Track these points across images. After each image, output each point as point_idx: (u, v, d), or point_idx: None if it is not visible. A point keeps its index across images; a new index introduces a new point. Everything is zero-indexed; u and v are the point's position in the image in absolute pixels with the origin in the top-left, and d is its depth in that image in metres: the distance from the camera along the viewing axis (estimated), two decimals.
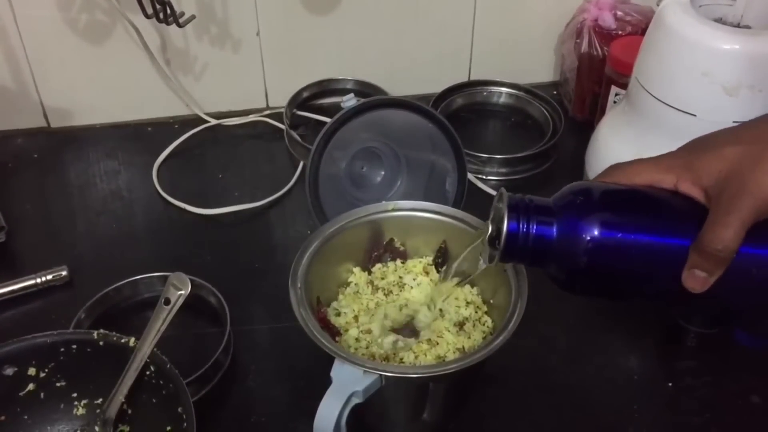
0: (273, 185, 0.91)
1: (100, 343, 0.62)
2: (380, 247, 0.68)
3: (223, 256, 0.83)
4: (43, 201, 0.91)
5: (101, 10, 0.92)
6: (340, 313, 0.65)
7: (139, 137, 1.00)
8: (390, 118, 0.78)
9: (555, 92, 1.06)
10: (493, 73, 1.04)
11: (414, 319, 0.65)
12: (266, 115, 1.02)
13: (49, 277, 0.78)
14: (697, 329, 0.72)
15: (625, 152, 0.77)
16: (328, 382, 0.53)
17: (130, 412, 0.63)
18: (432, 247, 0.69)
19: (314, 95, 1.03)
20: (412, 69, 1.04)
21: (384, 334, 0.63)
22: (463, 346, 0.61)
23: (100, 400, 0.63)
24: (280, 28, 0.98)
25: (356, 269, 0.68)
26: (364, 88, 1.01)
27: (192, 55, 0.98)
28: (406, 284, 0.67)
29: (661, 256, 0.48)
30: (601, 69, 0.92)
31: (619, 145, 0.79)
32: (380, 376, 0.52)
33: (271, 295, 0.77)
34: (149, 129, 1.02)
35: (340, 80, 1.02)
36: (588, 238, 0.47)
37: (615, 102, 0.89)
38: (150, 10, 0.80)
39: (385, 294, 0.66)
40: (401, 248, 0.69)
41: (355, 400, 0.51)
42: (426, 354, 0.60)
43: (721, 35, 0.68)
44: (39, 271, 0.78)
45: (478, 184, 0.91)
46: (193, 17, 0.85)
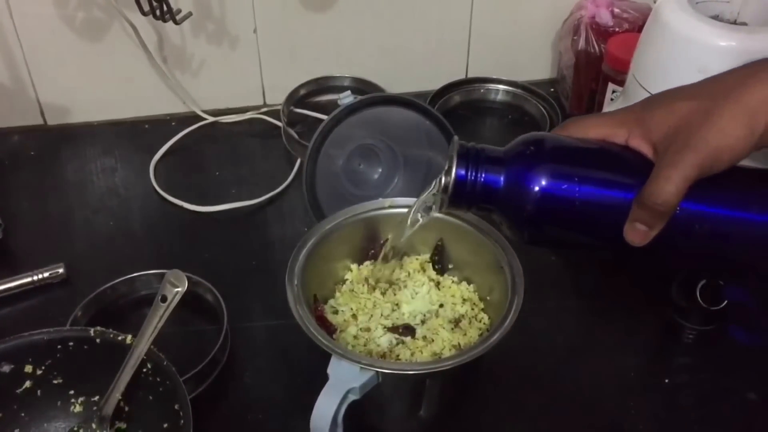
0: (270, 182, 0.91)
1: (97, 341, 0.62)
2: (377, 245, 0.68)
3: (220, 254, 0.83)
4: (39, 198, 0.91)
5: (98, 7, 0.92)
6: (337, 311, 0.65)
7: (136, 135, 1.00)
8: (387, 115, 0.78)
9: (552, 89, 1.06)
10: (491, 71, 1.04)
11: (409, 317, 0.65)
12: (263, 113, 1.02)
13: (46, 275, 0.78)
14: (694, 326, 0.72)
15: None
16: (325, 379, 0.53)
17: (127, 409, 0.63)
18: (429, 245, 0.69)
19: (311, 92, 1.02)
20: (410, 66, 1.04)
21: (381, 332, 0.63)
22: (459, 343, 0.61)
23: (97, 398, 0.63)
24: (278, 26, 0.98)
25: (353, 266, 0.68)
26: (361, 86, 1.01)
27: (189, 53, 0.98)
28: (402, 282, 0.67)
29: (605, 209, 0.48)
30: (598, 66, 0.92)
31: None
32: (377, 372, 0.53)
33: (269, 293, 0.77)
34: (146, 126, 1.01)
35: (338, 77, 1.02)
36: (535, 188, 0.48)
37: (612, 99, 0.89)
38: (147, 8, 0.80)
39: (382, 293, 0.66)
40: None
41: (352, 397, 0.51)
42: (422, 351, 0.60)
43: (718, 32, 0.68)
44: (36, 269, 0.78)
45: None
46: (189, 14, 0.85)
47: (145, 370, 0.61)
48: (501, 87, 1.04)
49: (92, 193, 0.91)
